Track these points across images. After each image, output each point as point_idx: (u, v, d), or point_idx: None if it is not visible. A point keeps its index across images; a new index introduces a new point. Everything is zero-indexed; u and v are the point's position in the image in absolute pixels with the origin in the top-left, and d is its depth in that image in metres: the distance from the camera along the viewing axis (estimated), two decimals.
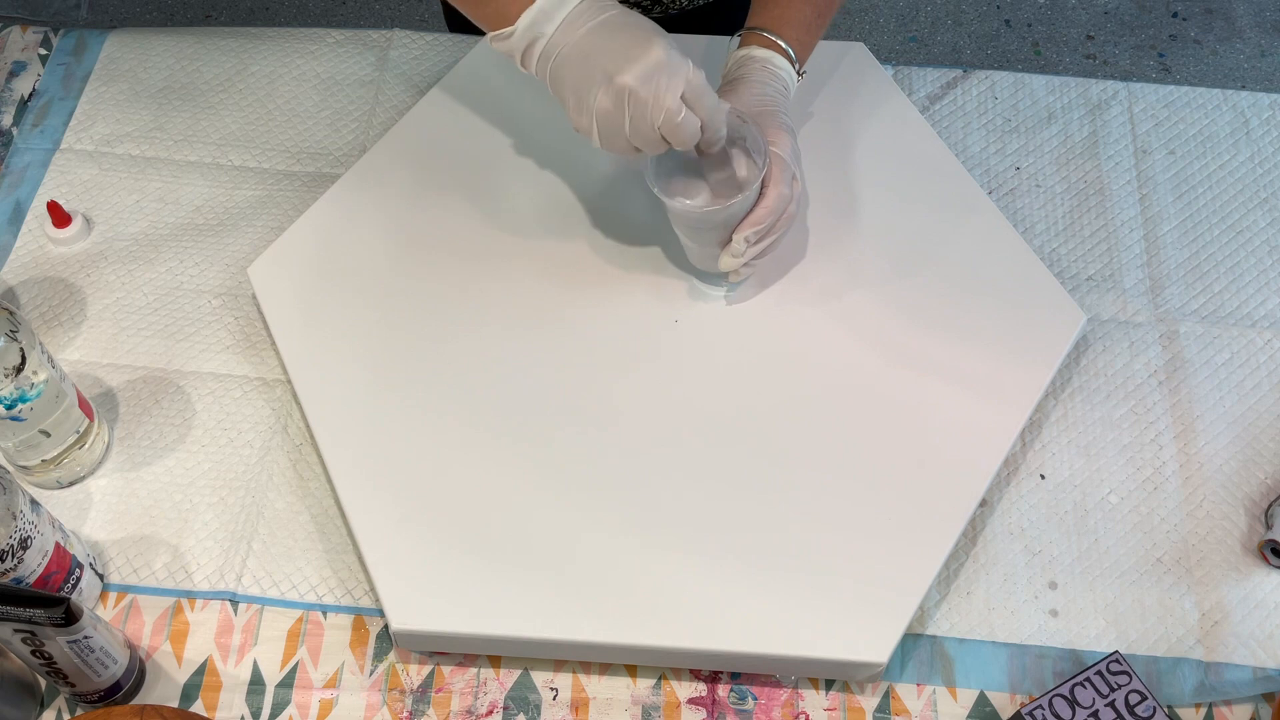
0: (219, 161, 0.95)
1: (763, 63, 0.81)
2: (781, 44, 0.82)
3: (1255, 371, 0.86)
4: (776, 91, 0.81)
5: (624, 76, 0.68)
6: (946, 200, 0.89)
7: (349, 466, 0.76)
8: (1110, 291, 0.90)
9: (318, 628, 0.75)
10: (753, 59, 0.82)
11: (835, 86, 0.95)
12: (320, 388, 0.79)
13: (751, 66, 0.81)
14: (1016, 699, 0.74)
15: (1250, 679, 0.75)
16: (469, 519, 0.74)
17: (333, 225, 0.87)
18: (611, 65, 0.69)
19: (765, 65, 0.81)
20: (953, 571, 0.78)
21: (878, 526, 0.75)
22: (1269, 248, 0.92)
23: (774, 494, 0.76)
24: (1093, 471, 0.82)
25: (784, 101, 0.82)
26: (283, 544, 0.78)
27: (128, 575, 0.77)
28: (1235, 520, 0.80)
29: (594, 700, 0.74)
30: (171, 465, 0.81)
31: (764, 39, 0.82)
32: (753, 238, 0.76)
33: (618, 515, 0.75)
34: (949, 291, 0.84)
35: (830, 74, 0.95)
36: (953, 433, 0.78)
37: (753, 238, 0.76)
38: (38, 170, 0.94)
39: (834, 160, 0.91)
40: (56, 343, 0.86)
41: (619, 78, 0.68)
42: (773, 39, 0.82)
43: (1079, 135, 0.98)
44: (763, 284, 0.84)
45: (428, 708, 0.73)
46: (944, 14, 2.16)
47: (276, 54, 1.01)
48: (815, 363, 0.81)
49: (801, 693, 0.74)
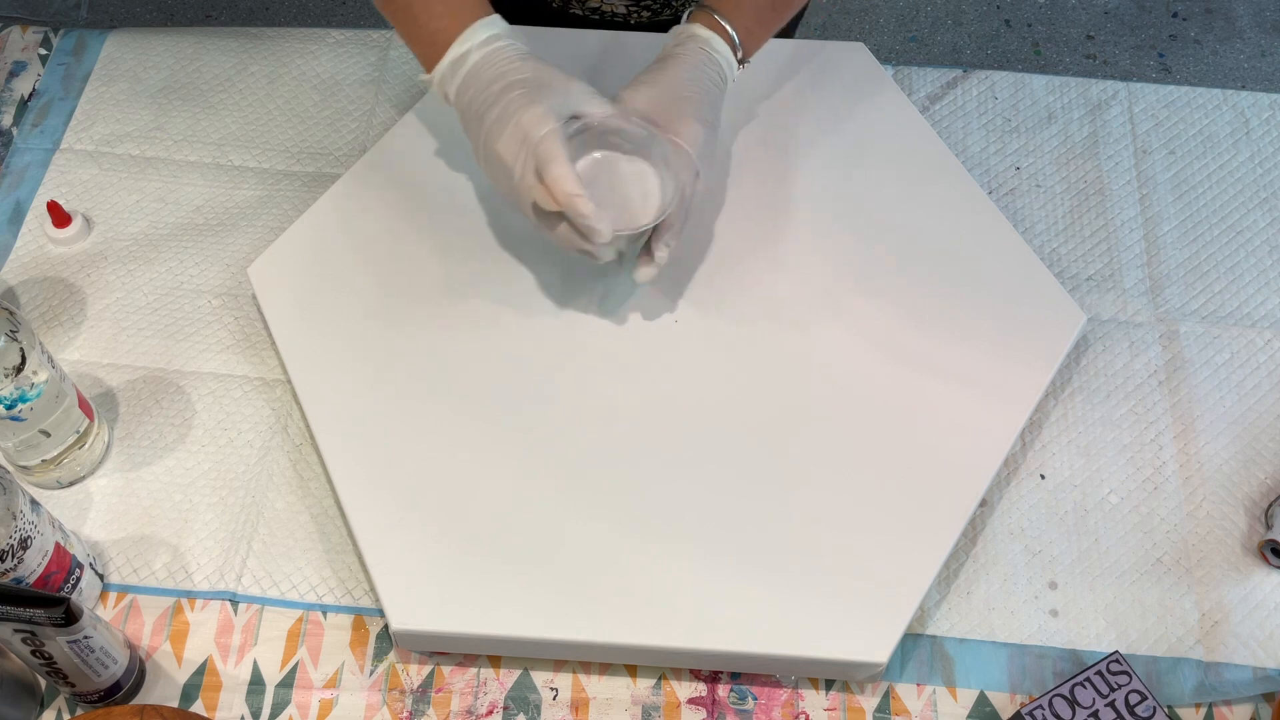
0: (219, 161, 0.95)
1: (702, 43, 0.78)
2: (728, 28, 0.78)
3: (1255, 371, 0.86)
4: (708, 77, 0.78)
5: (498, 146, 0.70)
6: (946, 200, 0.89)
7: (349, 466, 0.76)
8: (1110, 291, 0.90)
9: (318, 628, 0.75)
10: (694, 37, 0.78)
11: (835, 86, 0.95)
12: (320, 388, 0.79)
13: (689, 46, 0.78)
14: (1016, 699, 0.74)
15: (1250, 679, 0.75)
16: (469, 519, 0.74)
17: (333, 225, 0.87)
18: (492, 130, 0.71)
19: (704, 47, 0.78)
20: (953, 571, 0.78)
21: (878, 526, 0.75)
22: (1269, 248, 0.92)
23: (774, 494, 0.76)
24: (1093, 471, 0.82)
25: (713, 90, 0.78)
26: (283, 544, 0.78)
27: (128, 575, 0.77)
28: (1235, 520, 0.80)
29: (594, 700, 0.74)
30: (171, 465, 0.81)
31: (711, 19, 0.79)
32: (671, 241, 0.76)
33: (618, 515, 0.75)
34: (949, 291, 0.84)
35: (830, 74, 0.95)
36: (953, 433, 0.78)
37: (671, 241, 0.76)
38: (38, 170, 0.94)
39: (834, 160, 0.91)
40: (56, 343, 0.86)
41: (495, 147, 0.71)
42: (720, 21, 0.78)
43: (1079, 135, 0.98)
44: (762, 284, 0.84)
45: (428, 708, 0.73)
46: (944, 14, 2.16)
47: (276, 54, 1.01)
48: (815, 363, 0.81)
49: (801, 693, 0.74)
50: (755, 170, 0.90)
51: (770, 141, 0.92)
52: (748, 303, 0.84)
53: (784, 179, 0.90)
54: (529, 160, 0.69)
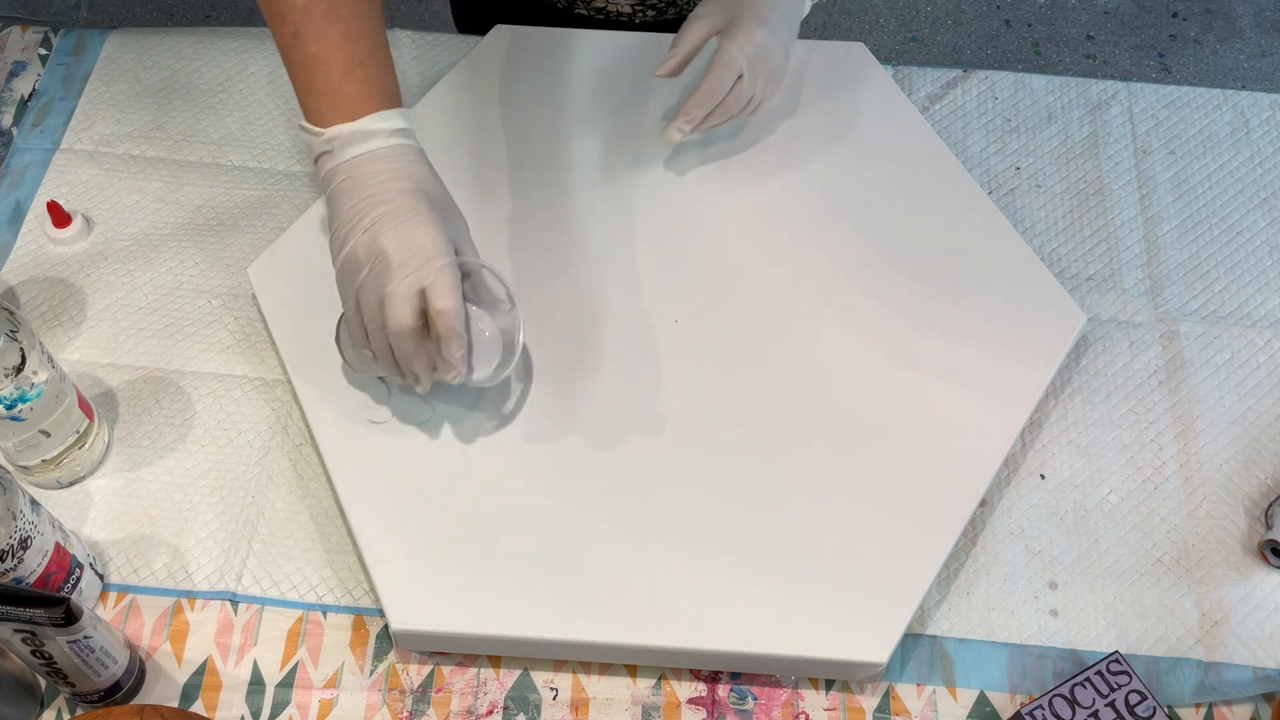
0: (219, 161, 0.95)
1: None
2: None
3: (1255, 371, 0.86)
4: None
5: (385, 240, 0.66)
6: (946, 200, 0.89)
7: (349, 466, 0.76)
8: (1110, 291, 0.90)
9: (318, 628, 0.75)
10: None
11: (835, 86, 0.95)
12: (320, 388, 0.79)
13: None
14: (1016, 699, 0.74)
15: (1250, 679, 0.75)
16: (469, 519, 0.74)
17: None
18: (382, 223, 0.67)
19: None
20: (953, 571, 0.78)
21: (878, 526, 0.75)
22: (1269, 248, 0.92)
23: (774, 494, 0.76)
24: (1093, 471, 0.82)
25: (784, 2, 0.82)
26: (283, 544, 0.78)
27: (128, 575, 0.77)
28: (1235, 520, 0.80)
29: (594, 700, 0.74)
30: (171, 465, 0.81)
31: None
32: (684, 127, 0.83)
33: (618, 515, 0.75)
34: (949, 291, 0.84)
35: (830, 74, 0.95)
36: (953, 433, 0.78)
37: (684, 127, 0.83)
38: (38, 170, 0.94)
39: (834, 160, 0.91)
40: (56, 343, 0.86)
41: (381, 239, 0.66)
42: None
43: (1079, 135, 0.98)
44: (762, 283, 0.84)
45: (428, 708, 0.73)
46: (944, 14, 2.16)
47: (276, 54, 1.00)
48: (814, 362, 0.81)
49: (801, 693, 0.74)
50: (755, 170, 0.90)
51: (770, 141, 0.92)
52: (747, 302, 0.84)
53: (784, 179, 0.90)
54: (416, 275, 0.66)
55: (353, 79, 0.69)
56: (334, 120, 0.69)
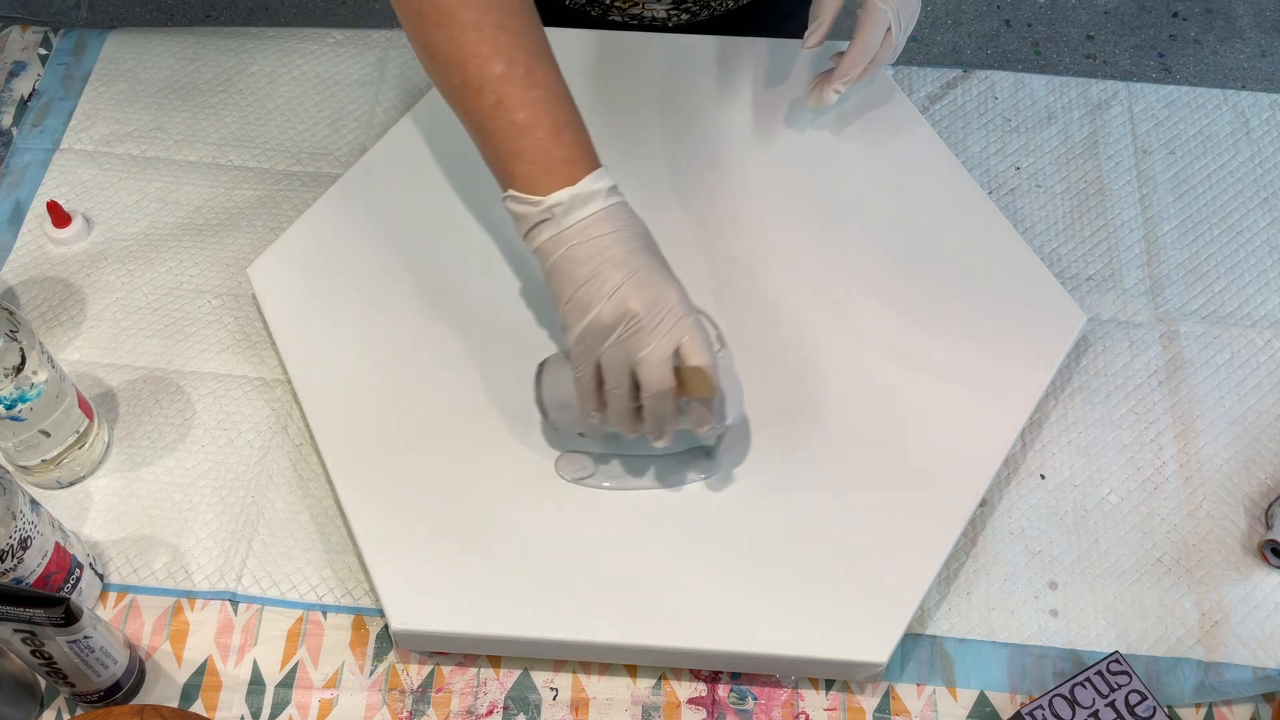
0: (219, 161, 0.95)
1: None
2: None
3: (1255, 371, 0.86)
4: None
5: (634, 303, 0.65)
6: (946, 200, 0.89)
7: (349, 466, 0.76)
8: (1110, 291, 0.90)
9: (318, 628, 0.75)
10: None
11: None
12: (320, 388, 0.79)
13: None
14: (1016, 699, 0.74)
15: (1250, 679, 0.75)
16: (469, 519, 0.74)
17: (333, 225, 0.87)
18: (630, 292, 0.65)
19: None
20: (953, 571, 0.78)
21: (878, 526, 0.75)
22: (1269, 248, 0.92)
23: (773, 494, 0.76)
24: (1093, 471, 0.82)
25: None
26: (283, 544, 0.78)
27: (128, 575, 0.77)
28: (1235, 520, 0.80)
29: (594, 700, 0.74)
30: (171, 465, 0.81)
31: None
32: (841, 88, 0.85)
33: (618, 515, 0.75)
34: (949, 291, 0.84)
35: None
36: (953, 433, 0.78)
37: (841, 88, 0.85)
38: (38, 170, 0.94)
39: (834, 160, 0.91)
40: (56, 343, 0.86)
41: (630, 302, 0.65)
42: None
43: (1079, 135, 0.98)
44: (761, 283, 0.84)
45: (428, 708, 0.73)
46: (944, 14, 2.16)
47: (276, 54, 1.01)
48: (814, 362, 0.81)
49: (801, 693, 0.74)
50: (754, 170, 0.90)
51: (769, 141, 0.92)
52: (746, 302, 0.84)
53: (783, 179, 0.90)
54: (671, 335, 0.66)
55: (562, 143, 0.68)
56: (551, 187, 0.67)
